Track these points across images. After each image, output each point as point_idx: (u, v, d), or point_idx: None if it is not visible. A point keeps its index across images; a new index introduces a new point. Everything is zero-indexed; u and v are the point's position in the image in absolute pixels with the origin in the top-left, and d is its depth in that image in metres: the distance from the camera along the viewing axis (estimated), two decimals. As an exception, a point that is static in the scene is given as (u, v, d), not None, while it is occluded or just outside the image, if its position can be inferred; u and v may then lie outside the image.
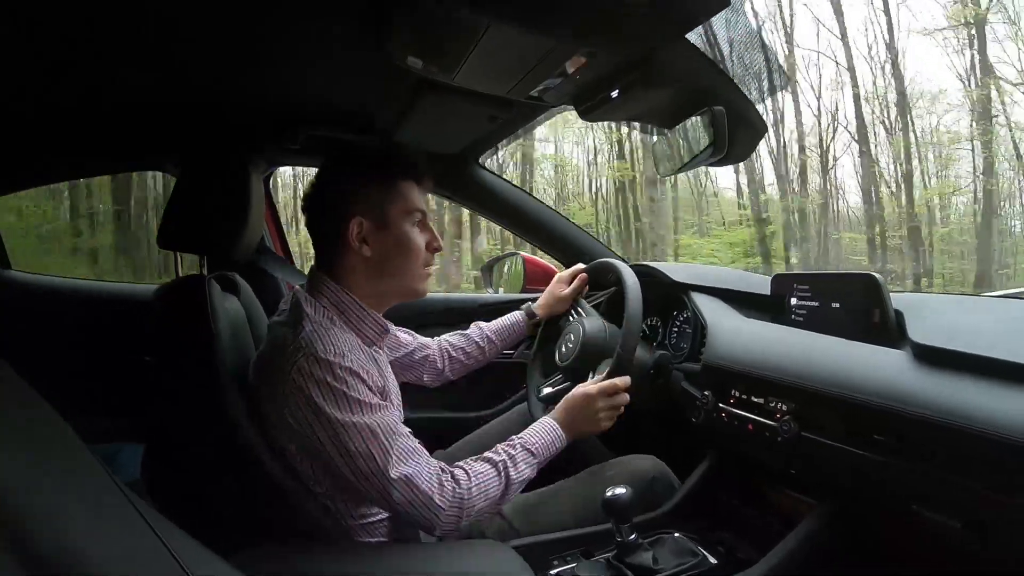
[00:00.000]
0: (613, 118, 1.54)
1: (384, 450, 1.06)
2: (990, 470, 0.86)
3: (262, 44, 1.24)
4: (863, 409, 1.03)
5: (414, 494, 1.07)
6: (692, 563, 1.21)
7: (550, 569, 1.21)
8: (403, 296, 1.29)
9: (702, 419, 1.38)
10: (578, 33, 1.10)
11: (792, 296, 1.40)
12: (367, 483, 1.06)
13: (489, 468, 1.18)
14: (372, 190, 1.20)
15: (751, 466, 1.37)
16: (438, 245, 1.28)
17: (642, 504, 1.32)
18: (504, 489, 1.17)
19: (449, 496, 1.10)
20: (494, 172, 2.08)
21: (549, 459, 1.26)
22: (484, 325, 1.74)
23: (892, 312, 1.18)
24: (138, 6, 1.05)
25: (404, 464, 1.08)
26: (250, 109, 1.62)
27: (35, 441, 0.53)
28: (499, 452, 1.21)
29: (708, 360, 1.41)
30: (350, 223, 1.18)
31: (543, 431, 1.27)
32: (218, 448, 1.12)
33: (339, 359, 1.06)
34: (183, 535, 0.60)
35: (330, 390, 1.05)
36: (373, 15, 1.10)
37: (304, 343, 1.06)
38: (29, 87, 1.37)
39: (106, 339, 1.98)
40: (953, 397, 0.92)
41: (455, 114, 1.57)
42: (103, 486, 0.55)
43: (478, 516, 1.16)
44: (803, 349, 1.24)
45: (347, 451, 1.05)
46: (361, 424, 1.05)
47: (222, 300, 1.25)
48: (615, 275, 1.53)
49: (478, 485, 1.14)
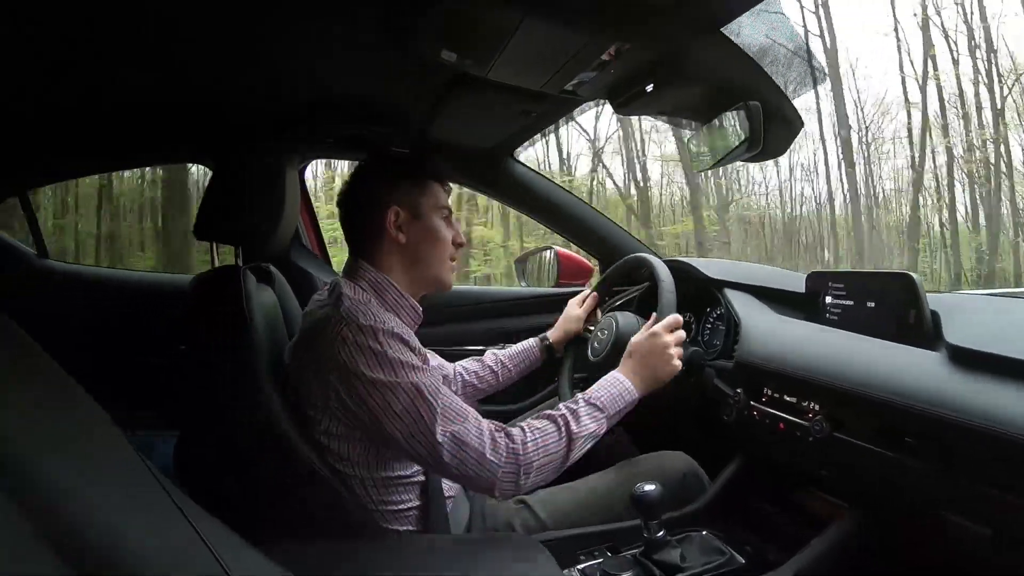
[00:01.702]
0: (647, 112, 1.52)
1: (430, 408, 1.06)
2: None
3: (296, 38, 1.25)
4: (896, 411, 1.01)
5: (465, 452, 1.07)
6: (719, 562, 1.20)
7: (577, 564, 1.21)
8: (431, 285, 1.33)
9: (733, 417, 1.36)
10: (612, 27, 1.09)
11: (827, 294, 1.39)
12: (416, 444, 1.06)
13: (547, 423, 1.16)
14: (408, 184, 1.28)
15: (781, 466, 1.36)
16: (462, 240, 1.35)
17: (671, 501, 1.31)
18: (567, 444, 1.15)
19: (503, 452, 1.09)
20: (527, 166, 2.08)
21: (619, 416, 1.23)
22: (499, 352, 1.76)
23: (928, 313, 1.15)
24: (177, 1, 1.06)
25: (451, 422, 1.08)
26: (285, 103, 1.63)
27: (73, 429, 0.54)
28: (559, 408, 1.20)
29: (741, 357, 1.40)
30: (388, 212, 1.25)
31: (608, 383, 1.25)
32: (252, 437, 1.13)
33: (381, 324, 1.09)
34: (216, 523, 0.60)
35: (373, 353, 1.06)
36: (407, 9, 1.10)
37: (345, 314, 1.09)
38: (70, 80, 1.40)
39: (141, 328, 2.02)
40: (989, 401, 0.90)
41: (489, 108, 1.57)
42: (139, 474, 0.56)
43: (540, 475, 1.13)
44: (837, 349, 1.22)
45: (394, 412, 1.05)
46: (406, 384, 1.06)
47: (257, 290, 1.27)
48: (648, 270, 1.52)
49: (534, 440, 1.12)
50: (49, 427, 0.51)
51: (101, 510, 0.49)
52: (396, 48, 1.26)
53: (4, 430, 0.46)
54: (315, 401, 1.11)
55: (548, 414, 1.18)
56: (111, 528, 0.48)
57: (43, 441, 0.49)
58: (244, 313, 1.17)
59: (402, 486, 1.18)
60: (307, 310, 1.25)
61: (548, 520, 1.31)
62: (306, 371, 1.12)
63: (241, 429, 1.15)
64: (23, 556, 0.42)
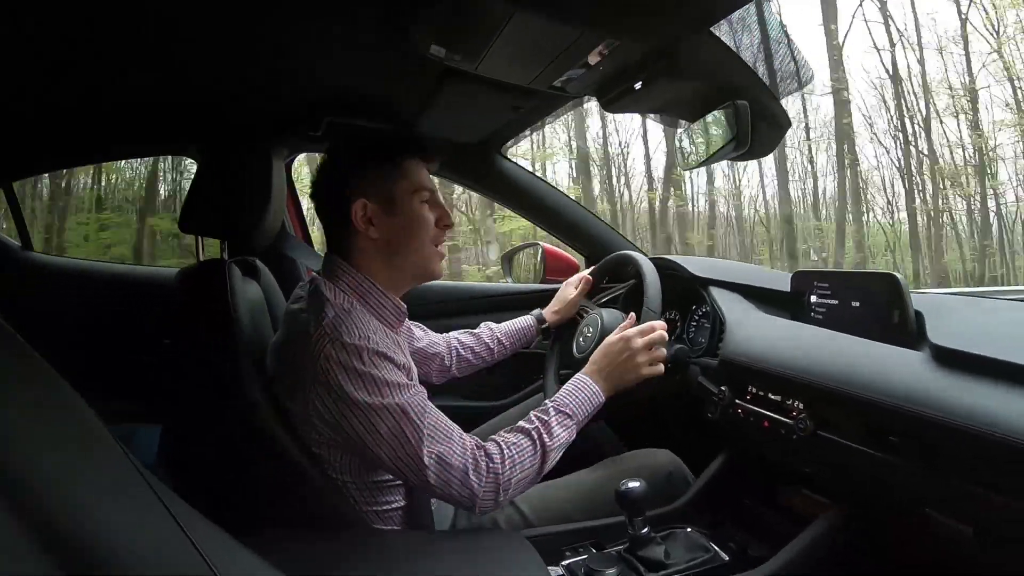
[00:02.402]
0: (636, 110, 1.53)
1: (416, 429, 1.06)
2: (1008, 476, 0.85)
3: (284, 31, 1.24)
4: (880, 410, 1.02)
5: (449, 473, 1.07)
6: (703, 559, 1.21)
7: (562, 560, 1.22)
8: (417, 277, 1.27)
9: (718, 415, 1.37)
10: (602, 23, 1.09)
11: (812, 293, 1.39)
12: (401, 464, 1.06)
13: (522, 438, 1.16)
14: (375, 172, 1.20)
15: (766, 464, 1.37)
16: (448, 221, 1.27)
17: (656, 498, 1.32)
18: (541, 458, 1.15)
19: (484, 472, 1.09)
20: (515, 163, 2.08)
21: (587, 418, 1.23)
22: (495, 326, 1.75)
23: (912, 313, 1.16)
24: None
25: (436, 443, 1.07)
26: (272, 96, 1.62)
27: (54, 420, 0.53)
28: (531, 419, 1.19)
29: (725, 355, 1.40)
30: (353, 206, 1.18)
31: (576, 389, 1.25)
32: (235, 431, 1.13)
33: (365, 342, 1.06)
34: (198, 516, 0.60)
35: (358, 375, 1.04)
36: (396, 3, 1.10)
37: (328, 329, 1.06)
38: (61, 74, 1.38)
39: (125, 321, 2.00)
40: (972, 401, 0.91)
41: (478, 103, 1.57)
42: (120, 466, 0.55)
43: (517, 489, 1.14)
44: (821, 347, 1.22)
45: (379, 434, 1.04)
46: (392, 405, 1.05)
47: (242, 285, 1.26)
48: (634, 267, 1.53)
49: (511, 458, 1.12)
50: (34, 420, 0.51)
51: (84, 504, 0.48)
52: (386, 42, 1.25)
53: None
54: (298, 412, 1.09)
55: (522, 427, 1.18)
56: (100, 527, 0.48)
57: (32, 440, 0.49)
58: (229, 307, 1.17)
59: (387, 488, 1.17)
60: (288, 308, 1.22)
61: (533, 516, 1.31)
62: (288, 381, 1.11)
63: (225, 424, 1.15)
64: (14, 556, 0.42)
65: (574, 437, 1.21)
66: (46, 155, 2.02)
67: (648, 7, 1.04)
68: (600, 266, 1.72)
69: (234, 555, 0.63)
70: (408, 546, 1.10)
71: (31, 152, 1.95)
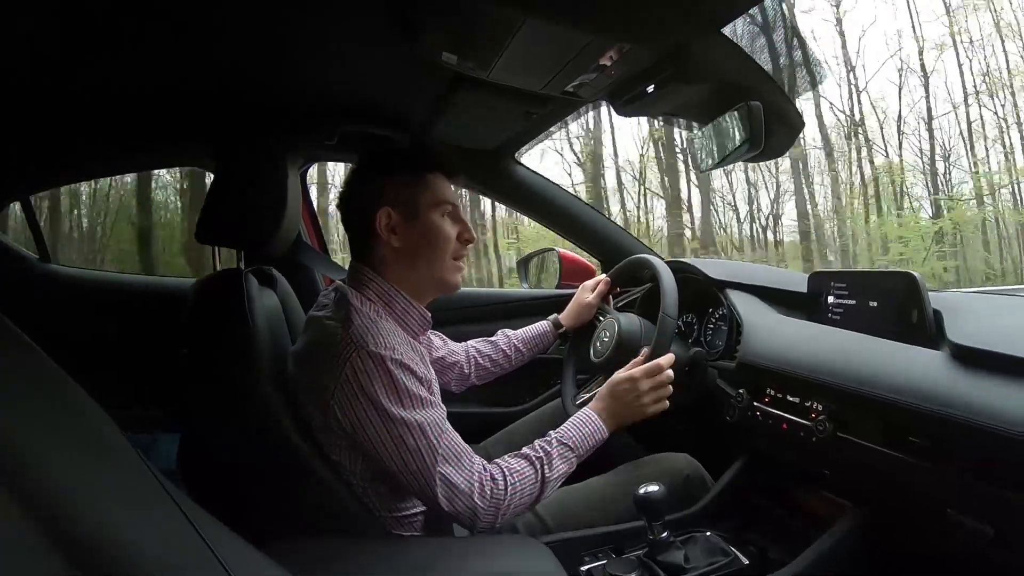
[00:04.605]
0: (649, 113, 1.53)
1: (431, 449, 1.08)
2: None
3: (296, 40, 1.25)
4: (900, 411, 1.01)
5: (455, 493, 1.10)
6: (723, 562, 1.19)
7: (581, 565, 1.21)
8: (436, 288, 1.30)
9: (736, 417, 1.36)
10: (612, 27, 1.09)
11: (829, 294, 1.38)
12: (412, 478, 1.09)
13: (526, 466, 1.18)
14: (401, 182, 1.24)
15: (784, 466, 1.36)
16: (470, 236, 1.30)
17: (675, 502, 1.31)
18: (540, 487, 1.18)
19: (489, 496, 1.12)
20: (529, 168, 2.08)
21: (589, 452, 1.26)
22: (511, 333, 1.75)
23: (931, 312, 1.15)
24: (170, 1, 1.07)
25: (447, 464, 1.10)
26: (286, 105, 1.63)
27: (70, 427, 0.54)
28: (536, 448, 1.22)
29: (743, 358, 1.40)
30: (378, 214, 1.21)
31: (581, 423, 1.27)
32: (253, 439, 1.14)
33: (390, 352, 1.08)
34: (217, 524, 0.60)
35: (383, 385, 1.06)
36: (407, 11, 1.10)
37: (355, 337, 1.08)
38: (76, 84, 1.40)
39: (143, 331, 2.02)
40: (994, 400, 0.90)
41: (490, 110, 1.58)
42: (139, 474, 0.56)
43: (516, 512, 1.17)
44: (839, 348, 1.22)
45: (396, 446, 1.07)
46: (411, 420, 1.07)
47: (259, 294, 1.27)
48: (650, 271, 1.52)
49: (513, 485, 1.15)
50: (50, 428, 0.51)
51: (103, 511, 0.49)
52: (398, 49, 1.26)
53: (5, 431, 0.46)
54: (317, 419, 1.11)
55: (526, 455, 1.21)
56: (113, 529, 0.48)
57: (44, 442, 0.49)
58: (246, 317, 1.18)
59: (407, 494, 1.19)
60: (312, 315, 1.24)
61: (551, 522, 1.31)
62: (310, 388, 1.12)
63: (243, 431, 1.15)
64: (25, 556, 0.42)
65: (573, 469, 1.24)
66: (64, 168, 2.04)
67: (658, 10, 1.04)
68: (616, 270, 1.71)
69: (252, 561, 0.64)
70: (427, 552, 1.10)
71: (49, 165, 1.97)
